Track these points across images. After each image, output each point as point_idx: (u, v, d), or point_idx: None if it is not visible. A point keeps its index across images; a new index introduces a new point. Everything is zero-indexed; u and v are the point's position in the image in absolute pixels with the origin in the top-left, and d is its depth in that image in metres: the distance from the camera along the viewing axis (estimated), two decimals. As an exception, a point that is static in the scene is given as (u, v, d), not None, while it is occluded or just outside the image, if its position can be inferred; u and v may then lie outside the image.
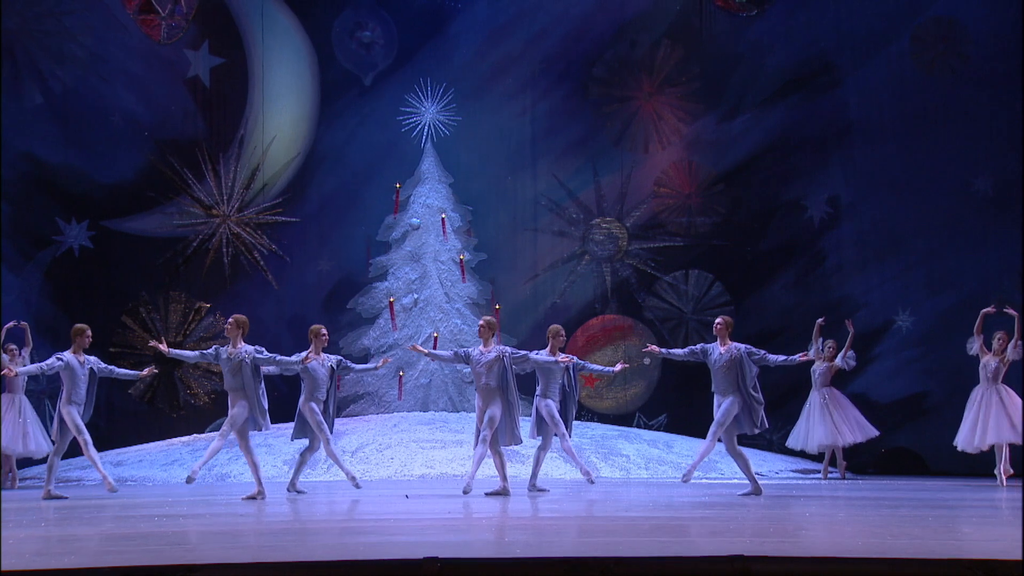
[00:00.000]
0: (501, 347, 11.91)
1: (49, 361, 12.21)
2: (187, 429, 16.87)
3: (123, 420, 16.82)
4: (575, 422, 16.25)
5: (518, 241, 18.18)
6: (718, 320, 12.17)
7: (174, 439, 16.31)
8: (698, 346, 12.27)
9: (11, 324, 14.18)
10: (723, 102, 17.81)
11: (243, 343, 11.65)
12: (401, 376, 17.46)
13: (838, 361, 14.72)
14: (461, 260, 17.81)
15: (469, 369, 17.23)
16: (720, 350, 11.91)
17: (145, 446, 15.94)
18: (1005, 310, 13.59)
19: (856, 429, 14.68)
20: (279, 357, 11.90)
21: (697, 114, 17.87)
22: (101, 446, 15.91)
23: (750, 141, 17.76)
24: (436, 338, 17.47)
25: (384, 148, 18.06)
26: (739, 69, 17.79)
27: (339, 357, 12.82)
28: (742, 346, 11.92)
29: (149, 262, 17.34)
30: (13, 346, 14.34)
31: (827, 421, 14.65)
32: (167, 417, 17.10)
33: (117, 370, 12.97)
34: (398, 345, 17.55)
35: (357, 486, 12.19)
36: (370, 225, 18.04)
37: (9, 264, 16.48)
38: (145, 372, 13.14)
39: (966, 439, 13.93)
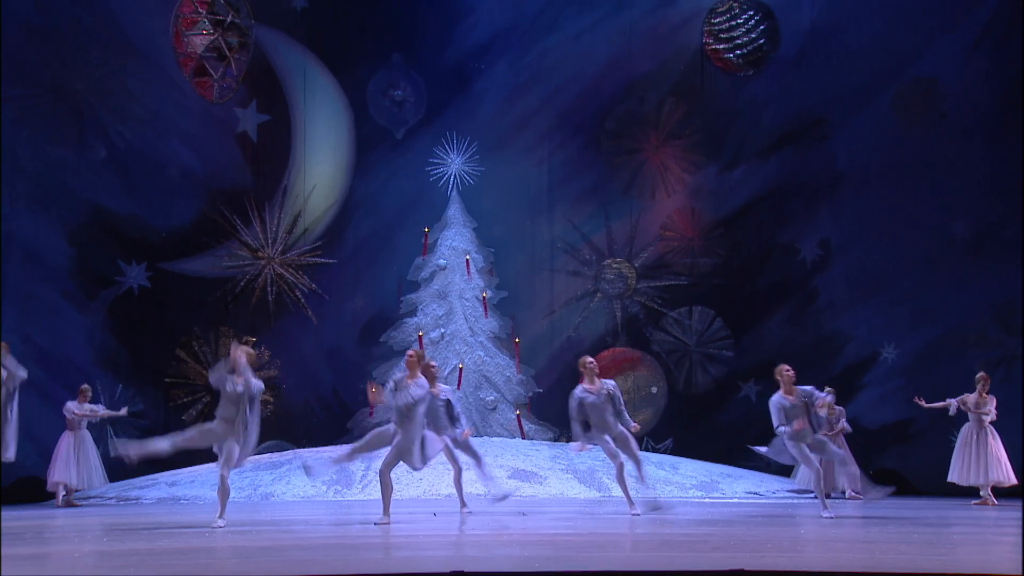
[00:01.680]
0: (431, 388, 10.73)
1: None
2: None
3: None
4: (592, 445, 16.26)
5: (536, 280, 18.20)
6: None
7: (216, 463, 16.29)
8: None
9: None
10: (723, 154, 17.84)
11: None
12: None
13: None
14: (484, 298, 17.82)
15: (493, 396, 17.37)
16: None
17: (196, 468, 15.90)
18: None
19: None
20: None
21: (699, 165, 17.92)
22: (158, 468, 16.00)
23: (748, 189, 17.78)
24: (462, 369, 17.47)
25: (414, 196, 18.11)
26: (737, 124, 17.85)
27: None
28: None
29: (201, 300, 17.40)
30: (86, 386, 14.40)
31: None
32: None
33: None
34: (426, 376, 17.58)
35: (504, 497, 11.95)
36: (401, 266, 18.07)
37: (75, 302, 16.54)
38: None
39: (960, 475, 13.73)
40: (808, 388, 11.04)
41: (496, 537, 9.24)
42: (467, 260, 17.83)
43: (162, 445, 10.61)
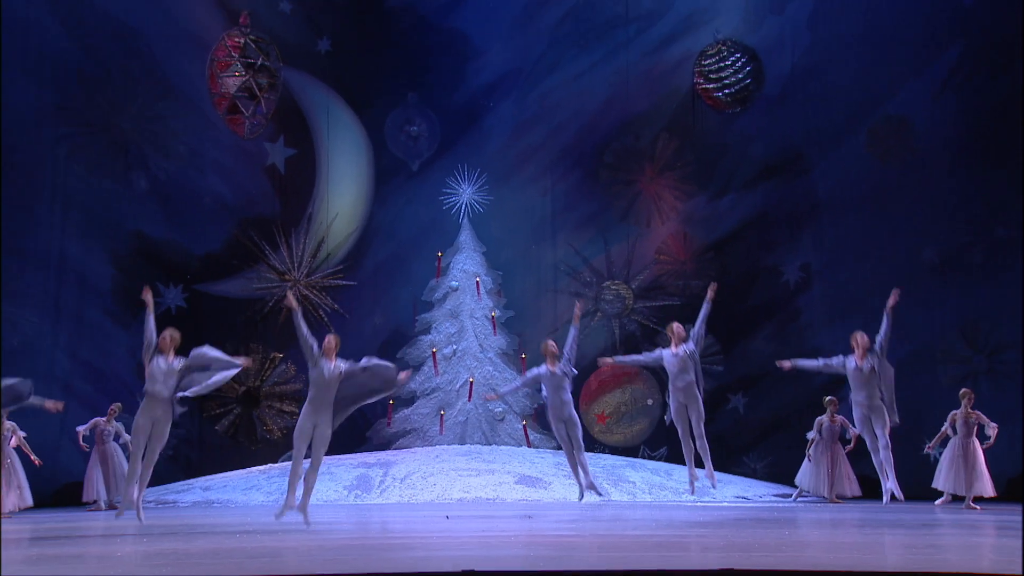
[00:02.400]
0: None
1: None
2: (263, 459, 16.86)
3: (211, 452, 16.85)
4: (588, 453, 16.22)
5: (541, 300, 18.17)
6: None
7: (252, 468, 16.32)
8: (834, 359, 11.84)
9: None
10: (712, 184, 17.83)
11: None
12: (442, 415, 17.45)
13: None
14: (493, 317, 17.83)
15: (501, 408, 17.35)
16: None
17: (228, 474, 15.96)
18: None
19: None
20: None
21: (691, 194, 17.90)
22: (193, 474, 16.07)
23: (735, 217, 17.76)
24: (472, 383, 17.47)
25: (428, 223, 18.14)
26: (726, 157, 17.83)
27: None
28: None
29: (233, 319, 17.42)
30: (116, 405, 14.41)
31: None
32: (246, 449, 17.11)
33: None
34: (439, 388, 17.59)
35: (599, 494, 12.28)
36: (416, 287, 18.09)
37: (119, 321, 16.50)
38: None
39: (946, 483, 13.72)
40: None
41: (503, 539, 9.25)
42: (477, 282, 17.85)
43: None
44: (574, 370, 11.75)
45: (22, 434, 13.45)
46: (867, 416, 11.45)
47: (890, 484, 11.36)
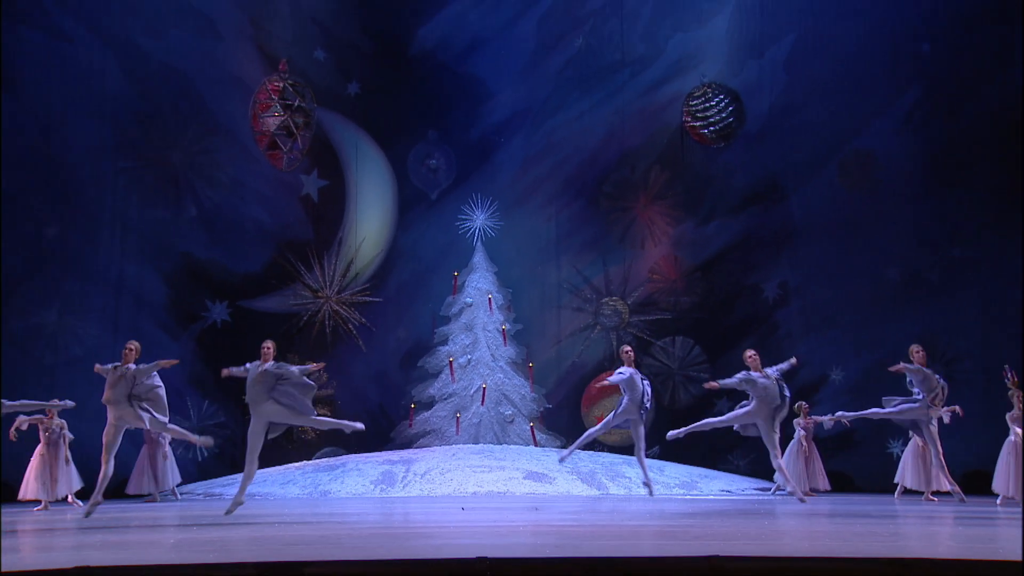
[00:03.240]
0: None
1: None
2: (298, 457, 16.86)
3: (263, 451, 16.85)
4: (588, 451, 16.20)
5: (546, 315, 18.15)
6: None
7: (289, 464, 16.32)
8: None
9: None
10: (700, 211, 17.82)
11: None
12: (458, 417, 17.44)
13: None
14: (503, 329, 17.84)
15: (511, 411, 17.34)
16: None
17: (268, 469, 15.87)
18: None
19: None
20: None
21: (680, 220, 17.89)
22: (237, 469, 15.92)
23: (720, 240, 17.73)
24: (485, 389, 17.46)
25: (445, 246, 18.15)
26: (711, 187, 17.82)
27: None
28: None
29: (271, 332, 17.06)
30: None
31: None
32: (284, 448, 17.09)
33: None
34: (456, 394, 17.58)
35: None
36: (435, 303, 18.10)
37: (171, 334, 16.57)
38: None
39: (911, 479, 13.70)
40: None
41: (513, 528, 9.24)
42: (489, 298, 17.86)
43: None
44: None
45: (69, 436, 13.35)
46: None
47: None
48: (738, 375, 12.00)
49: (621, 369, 12.30)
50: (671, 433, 12.46)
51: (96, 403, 10.33)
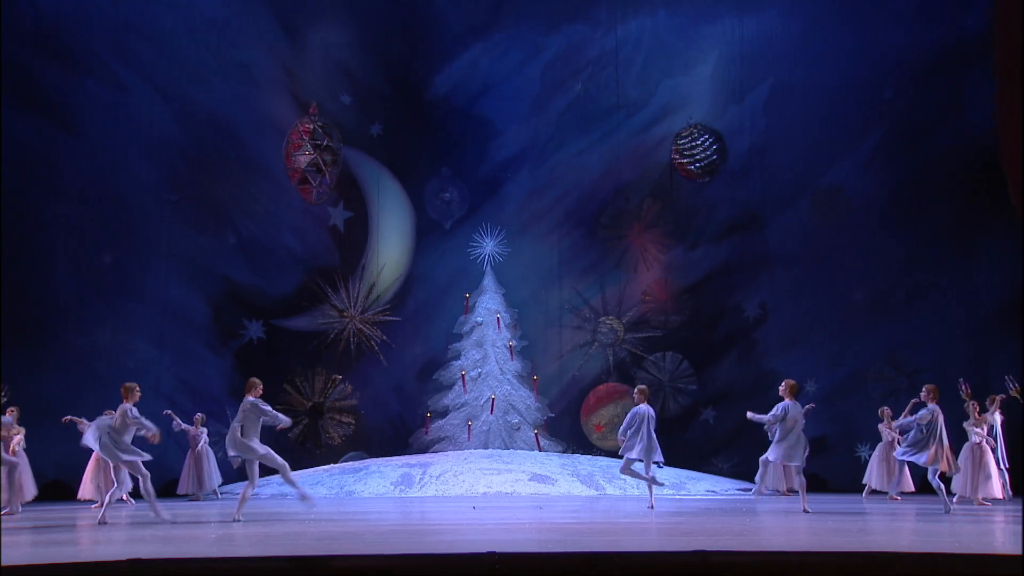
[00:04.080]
0: None
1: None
2: (326, 460, 16.84)
3: (285, 455, 16.41)
4: (587, 456, 16.19)
5: (549, 332, 18.08)
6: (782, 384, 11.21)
7: (318, 467, 16.32)
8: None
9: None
10: (687, 239, 17.79)
11: None
12: (469, 425, 17.43)
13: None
14: (510, 346, 17.83)
15: (517, 419, 17.33)
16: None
17: (299, 472, 15.81)
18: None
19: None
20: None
21: (670, 247, 17.86)
22: (271, 472, 15.88)
23: (706, 265, 17.70)
24: (494, 399, 17.45)
25: (458, 270, 18.10)
26: (698, 217, 17.80)
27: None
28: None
29: (302, 348, 17.45)
30: (200, 416, 14.47)
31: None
32: (313, 452, 17.12)
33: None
34: (467, 404, 17.55)
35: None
36: (448, 322, 18.07)
37: (212, 350, 16.62)
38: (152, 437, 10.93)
39: (877, 481, 13.70)
40: None
41: (520, 525, 9.27)
42: (498, 318, 17.84)
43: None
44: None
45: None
46: None
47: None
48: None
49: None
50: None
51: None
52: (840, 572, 5.85)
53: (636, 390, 11.84)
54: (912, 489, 13.46)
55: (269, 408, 10.24)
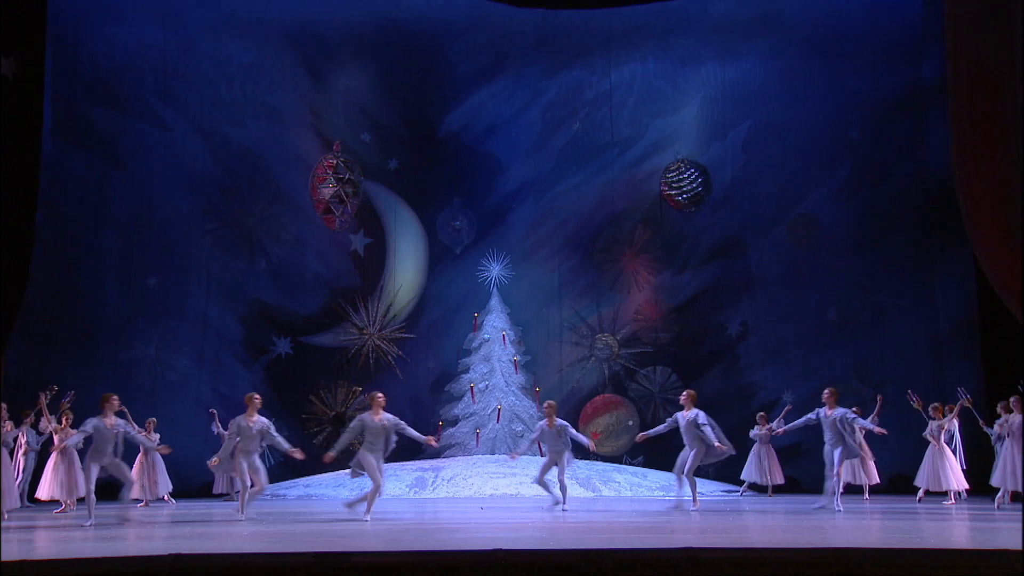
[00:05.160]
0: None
1: (84, 426, 9.62)
2: (347, 465, 16.64)
3: (310, 459, 16.64)
4: (584, 461, 16.14)
5: (550, 348, 18.04)
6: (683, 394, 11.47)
7: (339, 471, 16.24)
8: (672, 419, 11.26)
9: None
10: (676, 263, 17.78)
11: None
12: (478, 433, 17.39)
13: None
14: (515, 360, 17.79)
15: (521, 427, 17.27)
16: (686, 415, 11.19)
17: (322, 475, 15.81)
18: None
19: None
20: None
21: (660, 270, 17.85)
22: (297, 475, 15.92)
23: (693, 287, 17.69)
24: (500, 409, 17.43)
25: (467, 292, 18.07)
26: (685, 243, 17.80)
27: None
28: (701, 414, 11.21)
29: (326, 362, 17.42)
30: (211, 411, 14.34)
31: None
32: (336, 458, 17.01)
33: (138, 436, 10.46)
34: (475, 413, 17.48)
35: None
36: (458, 339, 18.00)
37: (244, 364, 16.63)
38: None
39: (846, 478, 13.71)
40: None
41: (523, 524, 9.27)
42: (503, 335, 17.84)
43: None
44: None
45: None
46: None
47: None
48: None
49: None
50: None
51: (183, 418, 10.40)
52: (815, 566, 5.87)
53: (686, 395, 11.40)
54: (878, 481, 13.52)
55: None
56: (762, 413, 14.99)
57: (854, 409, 12.09)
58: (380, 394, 10.54)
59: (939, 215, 15.73)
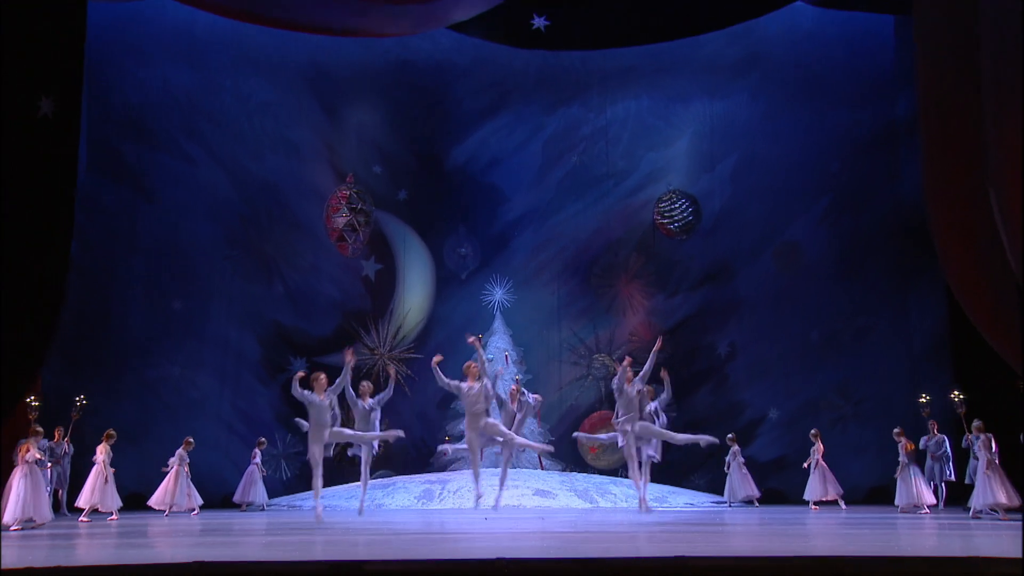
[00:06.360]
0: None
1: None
2: (358, 477, 16.60)
3: (324, 471, 16.69)
4: (582, 474, 16.09)
5: (550, 367, 18.04)
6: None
7: (352, 483, 16.12)
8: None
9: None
10: (668, 287, 17.85)
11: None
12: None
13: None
14: (517, 379, 17.77)
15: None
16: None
17: (337, 487, 15.80)
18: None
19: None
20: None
21: (653, 294, 17.91)
22: (312, 487, 15.78)
23: (684, 310, 17.74)
24: (503, 424, 17.40)
25: (472, 314, 18.08)
26: (676, 269, 17.87)
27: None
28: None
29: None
30: (262, 440, 14.38)
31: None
32: (348, 469, 16.82)
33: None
34: (480, 428, 17.45)
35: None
36: (464, 359, 17.84)
37: (263, 382, 16.66)
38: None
39: (819, 492, 13.67)
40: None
41: (524, 534, 9.25)
42: (506, 355, 17.83)
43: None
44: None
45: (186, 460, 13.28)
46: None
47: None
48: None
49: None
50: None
51: (204, 432, 10.43)
52: (806, 574, 5.87)
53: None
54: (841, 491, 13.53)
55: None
56: (732, 435, 14.95)
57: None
58: (473, 362, 10.57)
59: (913, 242, 15.79)
